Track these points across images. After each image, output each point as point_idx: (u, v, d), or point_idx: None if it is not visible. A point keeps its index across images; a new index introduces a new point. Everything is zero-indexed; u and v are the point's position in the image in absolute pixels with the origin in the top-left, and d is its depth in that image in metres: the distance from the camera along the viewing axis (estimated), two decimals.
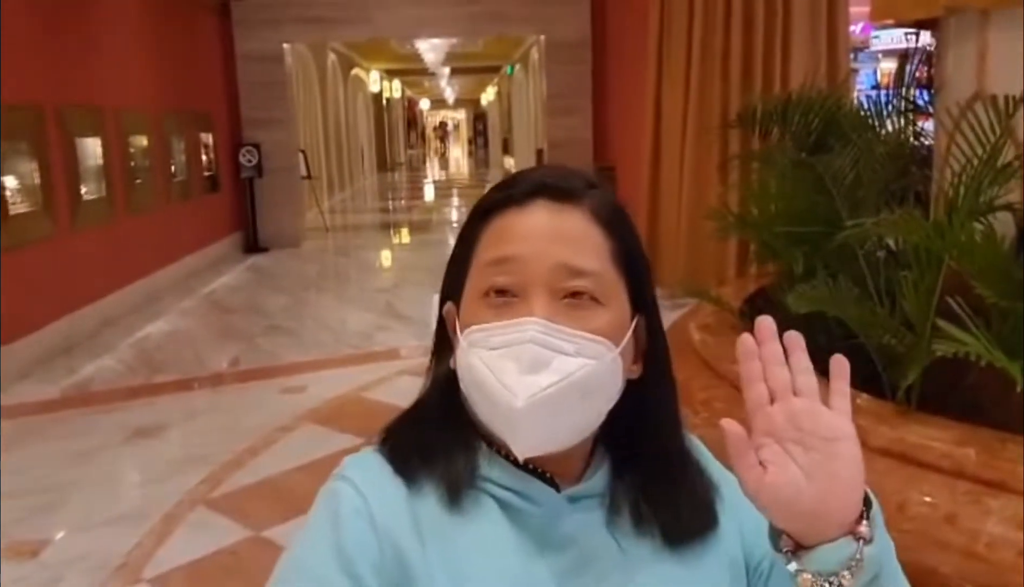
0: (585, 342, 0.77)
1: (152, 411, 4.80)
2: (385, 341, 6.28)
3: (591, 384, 0.77)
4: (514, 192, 0.84)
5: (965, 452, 1.85)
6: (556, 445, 0.79)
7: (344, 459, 0.85)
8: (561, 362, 0.76)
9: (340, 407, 4.72)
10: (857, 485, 0.70)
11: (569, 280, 0.79)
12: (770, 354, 0.72)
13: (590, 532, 0.82)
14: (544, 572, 0.79)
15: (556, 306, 0.78)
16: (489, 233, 0.83)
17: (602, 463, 0.87)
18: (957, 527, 1.73)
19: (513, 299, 0.79)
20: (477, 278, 0.82)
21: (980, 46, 2.64)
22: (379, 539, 0.76)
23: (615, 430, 0.86)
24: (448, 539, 0.78)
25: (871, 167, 2.72)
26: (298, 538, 0.80)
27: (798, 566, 0.70)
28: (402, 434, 0.86)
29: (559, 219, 0.81)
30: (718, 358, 2.67)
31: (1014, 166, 2.23)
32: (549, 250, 0.79)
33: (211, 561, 3.09)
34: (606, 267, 0.81)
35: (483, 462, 0.82)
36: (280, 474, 3.80)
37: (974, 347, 1.83)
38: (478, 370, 0.78)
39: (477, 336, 0.79)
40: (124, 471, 4.07)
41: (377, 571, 0.75)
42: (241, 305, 7.89)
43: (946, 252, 2.05)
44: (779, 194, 2.99)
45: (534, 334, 0.76)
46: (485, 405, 0.79)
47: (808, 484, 0.69)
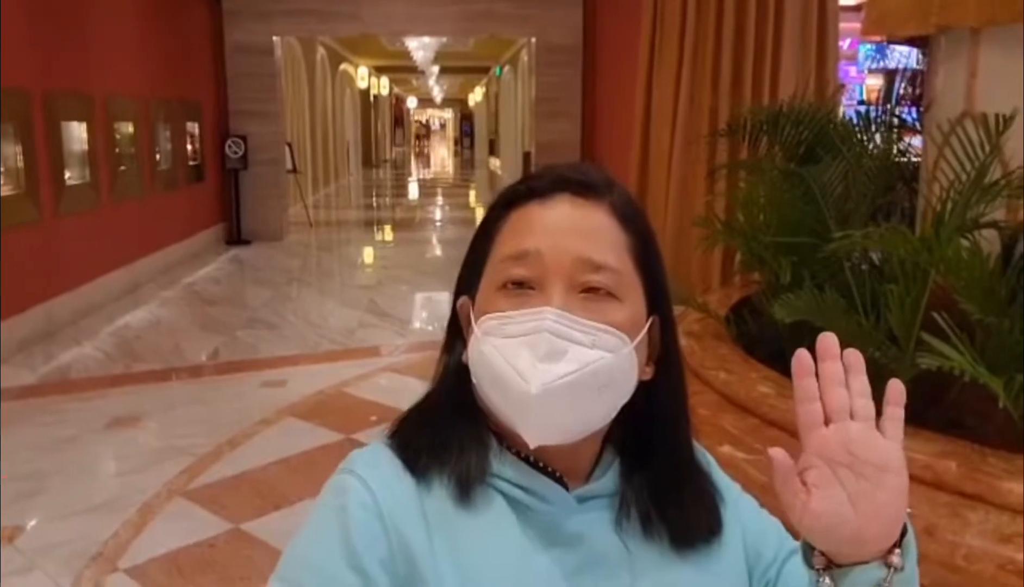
0: (601, 334, 0.77)
1: (131, 401, 4.76)
2: (367, 338, 6.27)
3: (607, 377, 0.77)
4: (536, 185, 0.84)
5: (946, 464, 1.87)
6: (567, 436, 0.79)
7: (351, 453, 0.84)
8: (577, 352, 0.76)
9: (321, 402, 4.70)
10: (899, 516, 0.71)
11: (588, 274, 0.79)
12: (831, 373, 0.70)
13: (598, 532, 0.82)
14: (551, 570, 0.79)
15: (573, 299, 0.78)
16: (509, 227, 0.83)
17: (611, 464, 0.87)
18: (936, 538, 1.75)
19: (530, 291, 0.79)
20: (495, 271, 0.82)
21: (970, 64, 2.67)
22: (388, 534, 0.75)
23: (625, 432, 0.86)
24: (456, 534, 0.77)
25: (860, 180, 2.75)
26: (303, 533, 0.79)
27: (830, 583, 0.71)
28: (412, 428, 0.85)
29: (581, 214, 0.81)
30: (703, 365, 2.68)
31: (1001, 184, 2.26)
32: (570, 244, 0.79)
33: (188, 553, 3.06)
34: (625, 263, 0.81)
35: (493, 459, 0.82)
36: (259, 468, 3.77)
37: (958, 362, 1.85)
38: (491, 358, 0.78)
39: (491, 324, 0.79)
40: (102, 460, 4.03)
41: (385, 566, 0.74)
42: (222, 297, 7.84)
43: (932, 267, 2.07)
44: (768, 203, 3.02)
45: (551, 324, 0.76)
46: (497, 393, 0.79)
47: (853, 512, 0.69)
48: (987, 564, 1.65)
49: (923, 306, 2.10)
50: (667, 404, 0.86)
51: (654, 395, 0.85)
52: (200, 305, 7.46)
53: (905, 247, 2.12)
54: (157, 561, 3.01)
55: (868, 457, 0.69)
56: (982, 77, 2.65)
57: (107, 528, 3.20)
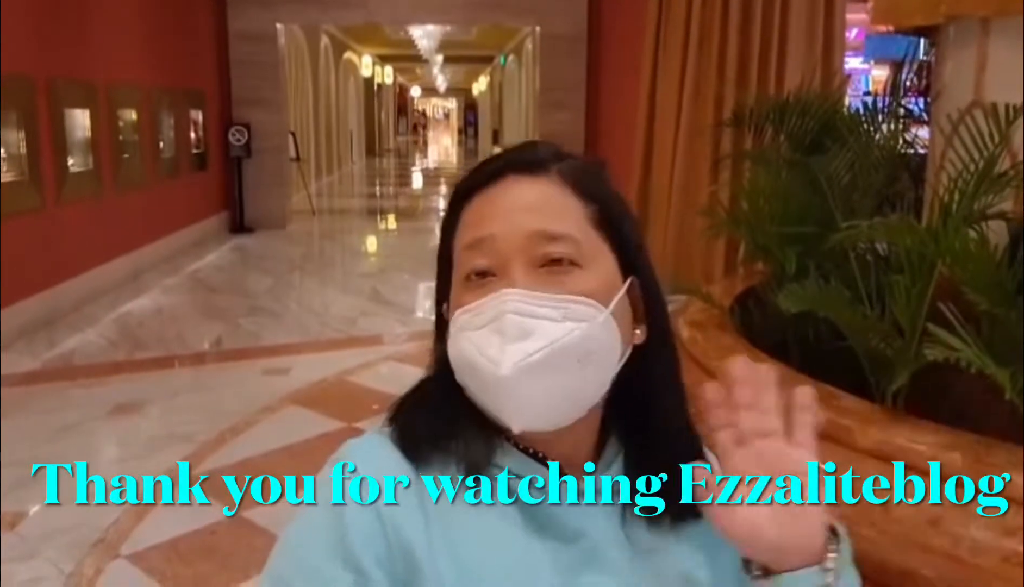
0: (571, 306, 0.76)
1: (133, 387, 4.76)
2: (369, 326, 6.27)
3: (583, 349, 0.75)
4: (482, 173, 0.83)
5: (951, 456, 1.86)
6: (553, 418, 0.77)
7: (346, 442, 0.81)
8: (546, 328, 0.74)
9: (323, 390, 4.70)
10: (818, 523, 0.73)
11: (546, 246, 0.78)
12: (741, 397, 0.73)
13: (600, 524, 0.81)
14: (552, 564, 0.77)
15: (535, 275, 0.77)
16: (463, 221, 0.83)
17: (614, 455, 0.85)
18: (941, 531, 1.74)
19: (492, 278, 0.78)
20: (458, 266, 0.82)
21: (979, 54, 2.64)
22: (385, 530, 0.73)
23: (624, 411, 0.84)
24: (454, 527, 0.76)
25: (866, 171, 2.73)
26: (294, 528, 0.76)
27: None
28: (411, 416, 0.83)
29: (528, 189, 0.81)
30: (706, 354, 2.67)
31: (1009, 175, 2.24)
32: (521, 221, 0.78)
33: (189, 539, 3.07)
34: (584, 231, 0.80)
35: (495, 448, 0.80)
36: (261, 455, 3.78)
37: (964, 353, 1.83)
38: (466, 351, 0.77)
39: (463, 319, 0.78)
40: (104, 447, 4.04)
41: (383, 564, 0.73)
42: (225, 285, 7.84)
43: (939, 258, 2.05)
44: (773, 193, 2.99)
45: (513, 304, 0.75)
46: (476, 385, 0.78)
47: (771, 522, 0.71)
48: (991, 557, 1.64)
49: (929, 297, 2.08)
50: (660, 365, 0.85)
51: (647, 359, 0.83)
52: (203, 293, 7.47)
53: (911, 238, 2.09)
54: (159, 547, 3.02)
55: (782, 469, 0.72)
56: (991, 68, 2.62)
57: (109, 514, 3.20)
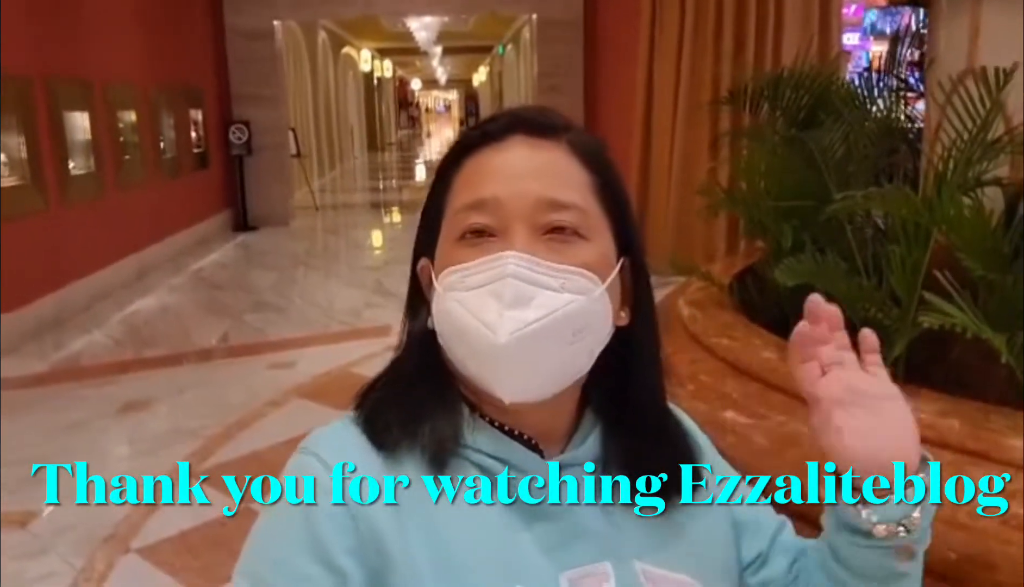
0: (571, 276, 0.73)
1: (141, 386, 4.79)
2: (374, 318, 6.27)
3: (581, 321, 0.73)
4: (490, 129, 0.80)
5: (949, 423, 1.86)
6: (544, 390, 0.75)
7: (312, 432, 0.78)
8: (546, 297, 0.72)
9: (329, 383, 4.72)
10: (914, 434, 0.76)
11: (552, 214, 0.75)
12: (820, 334, 0.76)
13: (579, 503, 0.78)
14: (531, 546, 0.75)
15: (538, 241, 0.74)
16: (463, 176, 0.79)
17: (590, 430, 0.83)
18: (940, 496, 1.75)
19: (491, 239, 0.75)
20: (452, 223, 0.78)
21: (973, 22, 2.63)
22: (356, 521, 0.71)
23: (603, 389, 0.83)
24: (428, 512, 0.73)
25: (861, 142, 2.73)
26: (263, 523, 0.74)
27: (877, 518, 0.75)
28: (379, 401, 0.79)
29: (538, 154, 0.78)
30: (706, 332, 2.67)
31: (1003, 141, 2.24)
32: (530, 186, 0.76)
33: (199, 532, 3.09)
34: (589, 202, 0.78)
35: (466, 428, 0.77)
36: (269, 448, 3.80)
37: (960, 319, 1.83)
38: (455, 313, 0.74)
39: (453, 278, 0.75)
40: (113, 443, 4.07)
41: (355, 556, 0.70)
42: (230, 282, 7.86)
43: (934, 225, 2.05)
44: (769, 169, 2.99)
45: (514, 268, 0.72)
46: (465, 351, 0.75)
47: (877, 436, 0.74)
48: (990, 520, 1.65)
49: (925, 266, 2.08)
50: (643, 349, 0.83)
51: (630, 342, 0.82)
52: (208, 290, 7.49)
53: (907, 207, 2.10)
54: (169, 541, 3.04)
55: (868, 390, 0.75)
56: (984, 35, 2.61)
57: (119, 510, 3.23)
